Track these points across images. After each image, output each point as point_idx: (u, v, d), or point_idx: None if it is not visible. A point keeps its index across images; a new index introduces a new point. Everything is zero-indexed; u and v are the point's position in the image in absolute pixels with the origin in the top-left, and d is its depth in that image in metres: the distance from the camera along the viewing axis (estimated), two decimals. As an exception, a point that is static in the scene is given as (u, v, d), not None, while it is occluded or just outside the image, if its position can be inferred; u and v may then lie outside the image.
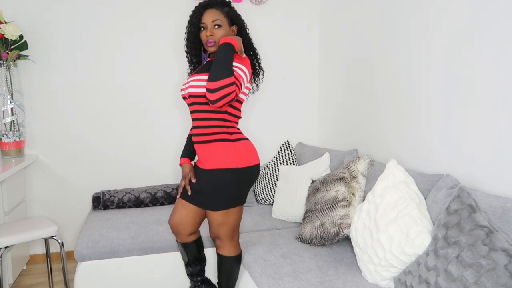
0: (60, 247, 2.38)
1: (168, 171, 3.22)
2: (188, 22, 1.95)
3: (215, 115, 1.87)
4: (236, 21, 1.97)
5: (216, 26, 1.88)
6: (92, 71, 3.00)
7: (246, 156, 1.90)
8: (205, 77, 1.82)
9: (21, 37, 2.72)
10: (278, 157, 3.23)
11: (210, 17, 1.88)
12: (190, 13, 1.95)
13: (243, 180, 1.91)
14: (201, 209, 2.01)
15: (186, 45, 2.02)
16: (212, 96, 1.72)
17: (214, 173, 1.86)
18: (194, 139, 1.92)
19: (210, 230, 2.03)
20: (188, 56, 2.06)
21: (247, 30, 2.02)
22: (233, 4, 3.19)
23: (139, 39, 3.05)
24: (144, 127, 3.14)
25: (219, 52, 1.78)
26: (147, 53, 3.08)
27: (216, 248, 2.06)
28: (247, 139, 1.95)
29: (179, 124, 3.20)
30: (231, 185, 1.87)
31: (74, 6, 2.91)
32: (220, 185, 1.86)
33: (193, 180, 1.93)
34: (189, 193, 1.95)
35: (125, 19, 3.01)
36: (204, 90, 1.81)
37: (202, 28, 1.91)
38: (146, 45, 3.07)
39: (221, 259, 2.06)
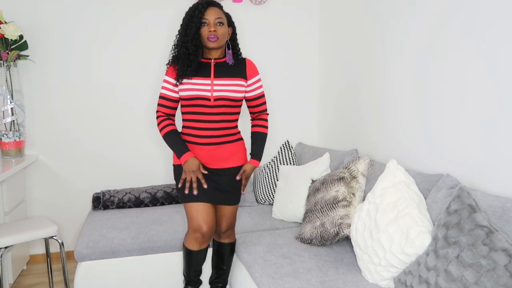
0: (60, 247, 2.38)
1: (168, 171, 3.22)
2: (188, 19, 1.91)
3: (236, 117, 2.07)
4: (231, 24, 2.05)
5: (219, 24, 1.92)
6: (93, 71, 2.99)
7: None
8: (234, 81, 1.96)
9: (21, 37, 2.72)
10: (278, 157, 3.22)
11: (214, 14, 1.91)
12: (189, 11, 1.92)
13: None
14: (213, 206, 2.07)
15: (185, 43, 1.92)
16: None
17: (236, 171, 2.05)
18: (214, 140, 1.98)
19: (223, 224, 2.13)
20: (187, 55, 1.93)
21: (236, 34, 2.11)
22: (233, 4, 3.24)
23: (143, 38, 3.05)
24: (145, 127, 3.14)
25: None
26: (147, 53, 3.08)
27: (226, 239, 2.19)
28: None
29: (179, 124, 3.19)
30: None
31: (76, 6, 2.91)
32: (239, 181, 2.07)
33: (205, 172, 1.99)
34: (205, 186, 1.98)
35: (130, 18, 3.00)
36: (237, 95, 1.97)
37: (203, 24, 1.91)
38: (148, 44, 3.07)
39: (231, 246, 2.22)
